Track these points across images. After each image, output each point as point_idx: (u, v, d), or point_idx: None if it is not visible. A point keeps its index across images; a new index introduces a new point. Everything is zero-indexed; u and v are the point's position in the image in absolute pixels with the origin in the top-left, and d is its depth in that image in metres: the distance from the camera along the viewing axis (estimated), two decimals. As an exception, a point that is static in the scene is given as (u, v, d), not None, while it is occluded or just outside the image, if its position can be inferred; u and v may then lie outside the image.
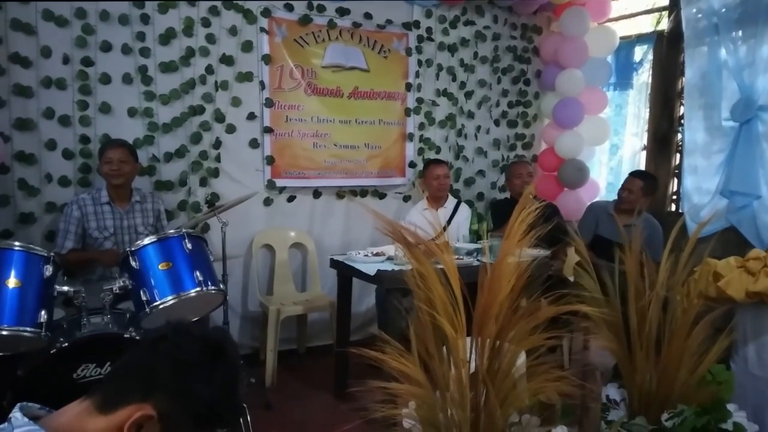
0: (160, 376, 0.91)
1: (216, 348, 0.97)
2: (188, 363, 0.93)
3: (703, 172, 3.72)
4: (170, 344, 0.94)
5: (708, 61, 3.58)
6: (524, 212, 1.60)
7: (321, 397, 3.11)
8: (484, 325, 1.59)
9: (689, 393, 1.98)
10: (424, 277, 1.58)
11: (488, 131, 4.34)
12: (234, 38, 3.40)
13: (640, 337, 2.00)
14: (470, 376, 1.61)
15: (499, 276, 1.57)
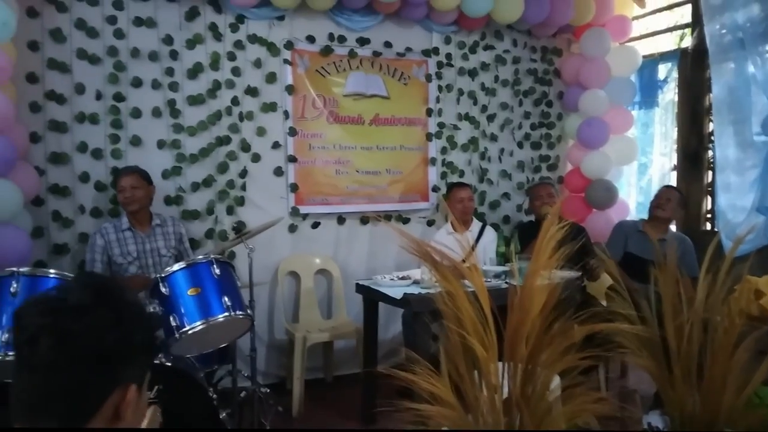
0: (117, 355, 0.84)
1: (98, 289, 0.87)
2: (128, 317, 0.86)
3: (736, 189, 3.62)
4: (109, 312, 0.84)
5: (735, 76, 3.52)
6: (550, 232, 1.58)
7: (349, 425, 3.05)
8: (516, 346, 1.55)
9: (736, 417, 1.88)
10: (453, 296, 1.55)
11: (512, 153, 4.32)
12: (258, 70, 3.48)
13: (680, 358, 1.92)
14: (503, 401, 1.56)
15: (529, 295, 1.53)
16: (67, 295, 0.84)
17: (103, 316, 0.83)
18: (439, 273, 1.59)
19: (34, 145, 2.98)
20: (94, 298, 0.84)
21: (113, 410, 0.85)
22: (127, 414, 0.86)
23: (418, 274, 2.89)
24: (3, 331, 1.83)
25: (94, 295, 0.85)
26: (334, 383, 3.67)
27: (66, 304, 0.82)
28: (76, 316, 0.81)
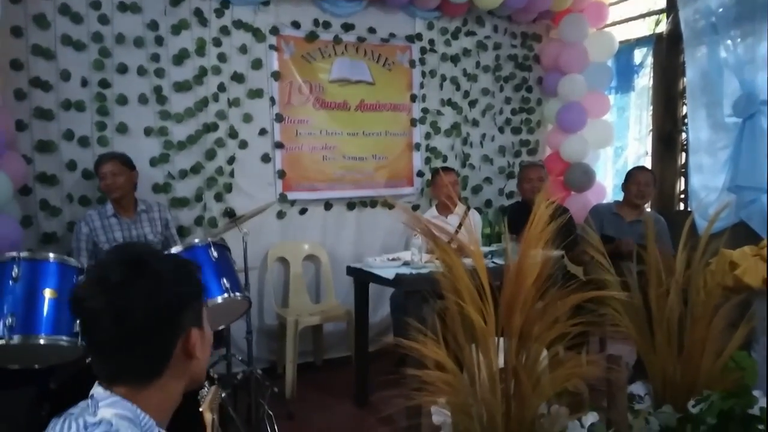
0: (175, 307, 0.93)
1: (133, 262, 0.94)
2: (179, 280, 0.95)
3: (709, 170, 3.77)
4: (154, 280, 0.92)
5: (708, 60, 3.65)
6: (543, 213, 1.67)
7: (342, 406, 3.13)
8: (511, 316, 1.63)
9: (713, 380, 2.00)
10: (452, 267, 1.62)
11: (493, 138, 4.41)
12: (244, 56, 3.49)
13: (662, 326, 2.03)
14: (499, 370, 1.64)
15: (524, 268, 1.62)
16: (109, 273, 0.90)
17: (144, 285, 0.90)
18: (439, 248, 1.66)
19: (21, 133, 2.94)
20: (133, 270, 0.91)
21: (183, 355, 0.95)
22: (197, 352, 0.96)
23: (408, 255, 2.96)
24: (7, 316, 1.84)
25: (133, 267, 0.91)
26: (324, 366, 3.73)
27: (110, 283, 0.89)
28: (123, 292, 0.89)
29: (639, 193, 3.45)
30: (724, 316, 2.01)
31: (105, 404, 0.88)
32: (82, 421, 0.86)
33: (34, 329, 1.88)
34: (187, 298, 0.95)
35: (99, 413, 0.87)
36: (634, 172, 3.55)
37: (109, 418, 0.86)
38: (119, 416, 0.87)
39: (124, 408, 0.88)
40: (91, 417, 0.87)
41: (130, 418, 0.87)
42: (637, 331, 2.07)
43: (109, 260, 0.96)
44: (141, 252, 0.97)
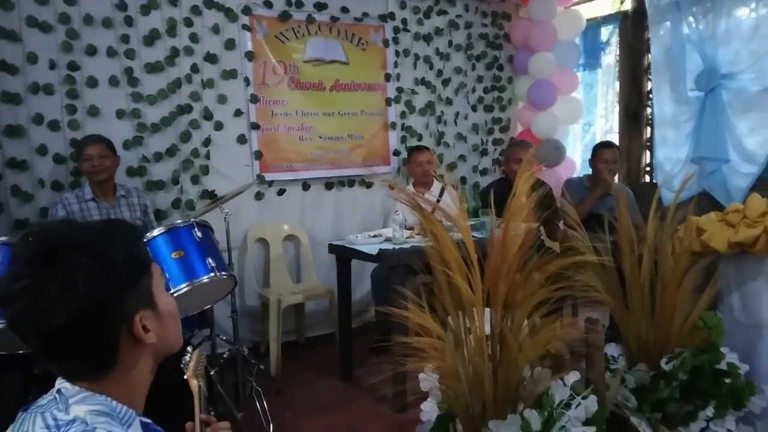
0: (107, 301, 0.81)
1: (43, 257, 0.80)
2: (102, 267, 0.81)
3: (672, 143, 3.93)
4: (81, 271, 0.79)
5: (671, 36, 3.78)
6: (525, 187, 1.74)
7: (327, 381, 3.18)
8: (496, 284, 1.70)
9: (684, 339, 2.12)
10: (439, 238, 1.68)
11: (466, 117, 4.47)
12: (217, 36, 3.44)
13: (635, 290, 2.13)
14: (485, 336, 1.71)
15: (508, 239, 1.68)
16: (18, 273, 0.78)
17: (56, 287, 0.77)
18: (426, 219, 1.71)
19: (-13, 118, 2.86)
20: (43, 269, 0.78)
21: (133, 342, 0.85)
22: (149, 335, 0.86)
23: (389, 232, 3.01)
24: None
25: (43, 265, 0.78)
26: (307, 344, 3.77)
27: (19, 289, 0.78)
28: (33, 299, 0.77)
29: (606, 171, 3.50)
30: (692, 279, 2.14)
31: (75, 401, 0.81)
32: (50, 416, 0.80)
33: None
34: (120, 285, 0.82)
35: (71, 411, 0.80)
36: (599, 150, 3.57)
37: (83, 417, 0.79)
38: (94, 413, 0.80)
39: (97, 402, 0.81)
40: (62, 414, 0.80)
41: (107, 413, 0.81)
42: (611, 296, 2.18)
43: (21, 252, 0.80)
44: (57, 237, 0.82)
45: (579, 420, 1.63)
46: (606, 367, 2.15)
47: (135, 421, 0.84)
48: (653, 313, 2.14)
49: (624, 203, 2.28)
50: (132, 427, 0.83)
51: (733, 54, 3.51)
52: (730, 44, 3.51)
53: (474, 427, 1.70)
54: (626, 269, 2.12)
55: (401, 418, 2.65)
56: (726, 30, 3.50)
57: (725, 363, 2.09)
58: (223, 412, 2.43)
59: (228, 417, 2.39)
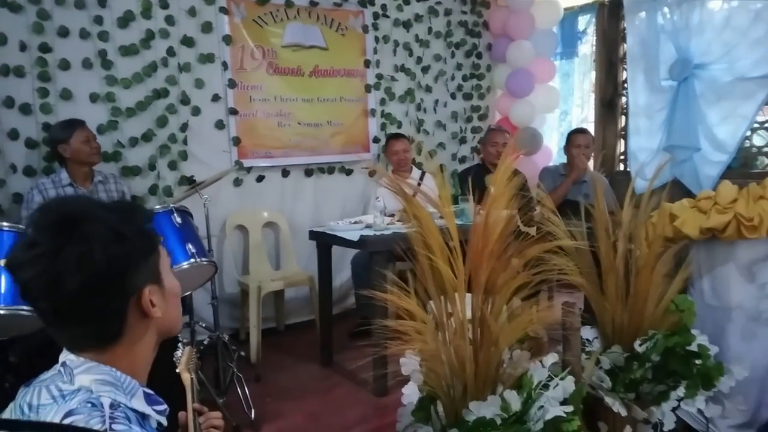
0: (119, 272, 0.84)
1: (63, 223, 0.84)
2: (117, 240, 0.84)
3: (646, 132, 4.01)
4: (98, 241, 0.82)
5: (646, 26, 3.85)
6: (505, 174, 1.77)
7: (308, 367, 3.19)
8: (478, 269, 1.73)
9: (657, 322, 2.19)
10: (422, 222, 1.69)
11: (446, 104, 4.49)
12: (193, 19, 3.38)
13: (610, 275, 2.19)
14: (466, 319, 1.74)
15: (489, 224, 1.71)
16: (37, 239, 0.81)
17: (74, 251, 0.80)
18: (409, 203, 1.73)
19: (-45, 101, 2.77)
20: (63, 235, 0.81)
21: (140, 315, 0.88)
22: (155, 310, 0.89)
23: (370, 219, 3.02)
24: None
25: (63, 231, 0.82)
26: (287, 331, 3.78)
27: (38, 252, 0.80)
28: (51, 261, 0.80)
29: (579, 155, 3.59)
30: (664, 264, 2.20)
31: (81, 371, 0.83)
32: (55, 388, 0.82)
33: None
34: (132, 257, 0.86)
35: (76, 381, 0.82)
36: (572, 136, 3.66)
37: (88, 385, 0.82)
38: (99, 381, 0.82)
39: (102, 372, 0.84)
40: (67, 384, 0.82)
41: (112, 383, 0.83)
42: (587, 280, 2.23)
43: (39, 222, 0.84)
44: (74, 210, 0.85)
45: (557, 400, 1.67)
46: (582, 350, 2.21)
47: (138, 392, 0.87)
48: (627, 296, 2.20)
49: (600, 190, 2.33)
50: (135, 397, 0.86)
51: (705, 45, 3.59)
52: (702, 35, 3.58)
53: (455, 408, 1.73)
54: (602, 254, 2.17)
55: (382, 402, 2.69)
56: (699, 21, 3.58)
57: (696, 345, 2.16)
58: (204, 399, 2.42)
59: (209, 403, 2.39)
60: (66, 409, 0.78)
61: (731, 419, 2.34)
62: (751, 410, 2.33)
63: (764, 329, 2.34)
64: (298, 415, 2.63)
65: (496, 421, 1.59)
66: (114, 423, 0.78)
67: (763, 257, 2.34)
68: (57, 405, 0.80)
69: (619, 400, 2.06)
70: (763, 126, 3.75)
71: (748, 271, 2.35)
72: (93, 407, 0.79)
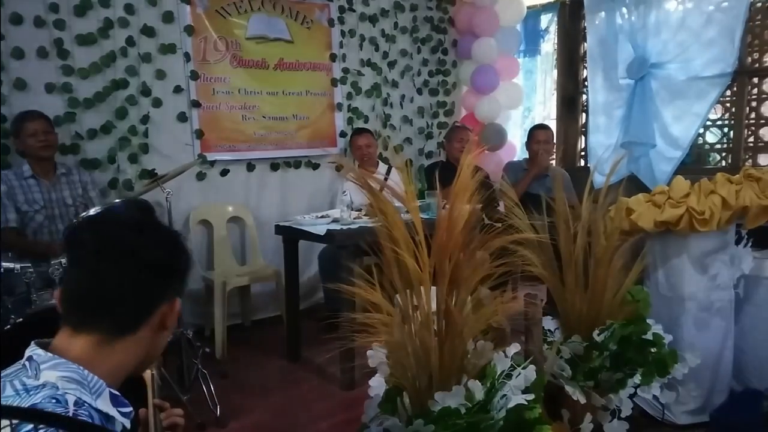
0: (164, 275, 0.93)
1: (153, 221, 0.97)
2: (173, 249, 0.94)
3: (605, 129, 4.13)
4: (148, 254, 0.90)
5: (606, 26, 3.95)
6: (468, 173, 1.80)
7: (275, 362, 3.18)
8: (442, 262, 1.75)
9: (614, 312, 2.26)
10: (388, 216, 1.71)
11: (412, 100, 4.51)
12: (154, 9, 3.30)
13: (570, 267, 2.25)
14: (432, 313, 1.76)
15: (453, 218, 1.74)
16: (121, 213, 0.95)
17: (152, 234, 0.92)
18: (375, 197, 1.74)
19: None
20: (146, 217, 0.95)
21: (159, 322, 0.93)
22: (171, 324, 0.95)
23: (337, 213, 3.02)
24: None
25: (146, 215, 0.95)
26: (253, 327, 3.74)
27: (120, 219, 0.92)
28: (132, 232, 0.90)
29: (540, 150, 3.66)
30: (621, 257, 2.27)
31: (47, 366, 0.82)
32: (19, 382, 0.80)
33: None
34: (183, 267, 0.96)
35: (42, 376, 0.81)
36: (533, 131, 3.75)
37: (54, 381, 0.80)
38: (65, 379, 0.81)
39: (70, 370, 0.83)
40: (31, 380, 0.81)
41: (78, 381, 0.82)
42: (549, 272, 2.29)
43: (122, 204, 1.01)
44: (151, 208, 1.01)
45: (519, 389, 1.71)
46: (544, 340, 2.27)
47: (105, 392, 0.85)
48: (586, 288, 2.27)
49: (560, 184, 2.39)
50: (101, 398, 0.84)
51: (661, 45, 3.71)
52: (659, 35, 3.70)
53: (421, 399, 1.75)
54: (562, 247, 2.23)
55: (349, 396, 2.69)
56: (656, 21, 3.69)
57: (651, 334, 2.24)
58: (168, 396, 2.39)
59: (173, 400, 2.35)
60: (29, 403, 0.78)
61: (685, 405, 2.45)
62: (704, 396, 2.44)
63: (716, 318, 2.45)
64: (265, 410, 2.61)
65: (461, 411, 1.62)
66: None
67: (714, 250, 2.45)
68: (20, 398, 0.78)
69: (579, 388, 2.12)
70: (715, 124, 3.91)
71: (700, 263, 2.46)
72: (57, 403, 0.78)
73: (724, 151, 3.89)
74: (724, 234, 2.43)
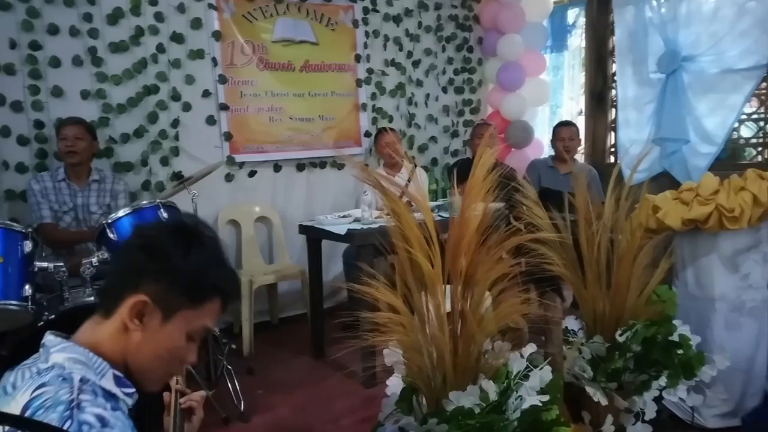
0: (138, 264, 0.95)
1: (185, 228, 1.01)
2: (159, 245, 0.96)
3: (635, 124, 4.03)
4: (139, 239, 0.99)
5: (635, 19, 3.86)
6: (483, 170, 1.79)
7: (299, 360, 3.23)
8: (456, 260, 1.76)
9: (638, 312, 2.22)
10: (401, 216, 1.72)
11: (437, 98, 4.51)
12: (182, 16, 3.40)
13: (591, 264, 2.22)
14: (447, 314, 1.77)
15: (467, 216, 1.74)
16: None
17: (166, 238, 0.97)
18: (388, 198, 1.76)
19: (-53, 99, 2.80)
20: (178, 224, 1.02)
21: (127, 315, 0.93)
22: (133, 325, 0.93)
23: (359, 213, 3.05)
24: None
25: (180, 222, 1.03)
26: (281, 325, 3.81)
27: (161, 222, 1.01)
28: (162, 230, 1.00)
29: (565, 148, 3.65)
30: (646, 255, 2.23)
31: (56, 350, 0.90)
32: (35, 368, 0.87)
33: (-19, 295, 1.86)
34: (162, 271, 0.94)
35: (51, 359, 0.88)
36: (557, 128, 3.76)
37: (61, 362, 0.88)
38: (72, 360, 0.88)
39: (76, 352, 0.90)
40: (43, 363, 0.88)
41: (83, 362, 0.89)
42: (570, 271, 2.26)
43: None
44: (196, 224, 1.04)
45: (534, 389, 1.70)
46: (565, 340, 2.24)
47: (108, 373, 0.91)
48: (609, 287, 2.23)
49: (583, 182, 2.35)
50: (105, 378, 0.91)
51: (693, 37, 3.60)
52: (690, 27, 3.59)
53: (436, 398, 1.76)
54: (582, 245, 2.20)
55: (370, 393, 2.72)
56: (687, 13, 3.59)
57: (677, 335, 2.19)
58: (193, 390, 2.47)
59: (198, 395, 2.42)
60: (39, 383, 0.84)
61: (715, 408, 2.38)
62: (735, 399, 2.37)
63: (747, 319, 2.37)
64: (287, 407, 2.66)
65: (474, 411, 1.62)
66: (81, 393, 0.84)
67: (745, 248, 2.37)
68: (32, 380, 0.85)
69: (600, 389, 2.09)
70: (751, 117, 3.77)
71: (731, 262, 2.38)
72: (63, 381, 0.84)
73: (760, 145, 3.75)
74: (756, 231, 2.35)
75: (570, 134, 3.63)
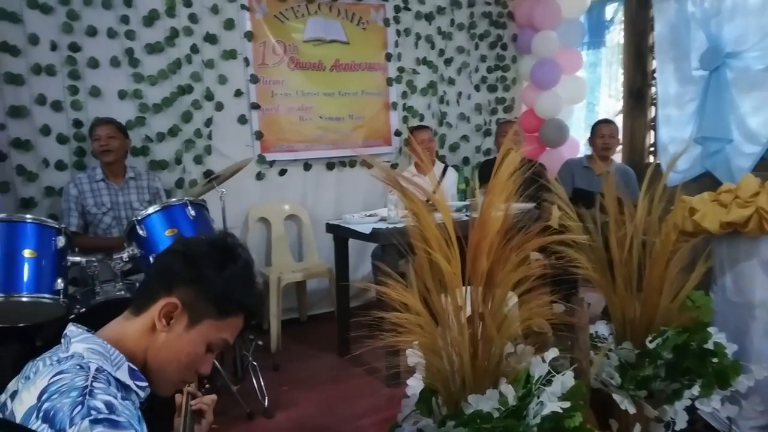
0: (175, 269, 1.03)
1: (223, 245, 1.09)
2: (197, 255, 1.04)
3: (676, 122, 3.87)
4: (180, 246, 1.07)
5: (676, 14, 3.71)
6: (505, 168, 1.74)
7: (325, 357, 3.25)
8: (477, 261, 1.72)
9: (671, 318, 2.13)
10: (419, 217, 1.70)
11: (469, 97, 4.45)
12: (216, 17, 3.46)
13: (622, 268, 2.14)
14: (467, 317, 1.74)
15: (488, 216, 1.70)
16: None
17: (204, 251, 1.05)
18: (408, 199, 1.74)
19: (-8, 99, 2.93)
20: (217, 240, 1.09)
21: (158, 315, 1.00)
22: (161, 324, 1.00)
23: (385, 211, 3.04)
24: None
25: (219, 239, 1.10)
26: (309, 322, 3.85)
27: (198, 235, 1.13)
28: (197, 242, 1.08)
29: (604, 146, 3.57)
30: (680, 259, 2.14)
31: (77, 340, 0.95)
32: (56, 357, 0.93)
33: (16, 288, 1.93)
34: (195, 278, 1.02)
35: (71, 348, 0.94)
36: (597, 126, 3.67)
37: (81, 352, 0.93)
38: (90, 350, 0.94)
39: (95, 343, 0.95)
40: (63, 352, 0.94)
41: (101, 353, 0.94)
42: (600, 275, 2.19)
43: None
44: (232, 242, 1.12)
45: (555, 395, 1.66)
46: (593, 346, 2.18)
47: (123, 365, 0.97)
48: (640, 291, 2.15)
49: (611, 182, 2.28)
50: (120, 370, 0.96)
51: (738, 32, 3.44)
52: (735, 21, 3.43)
53: (455, 400, 1.74)
54: (612, 248, 2.13)
55: (394, 393, 2.71)
56: (731, 7, 3.42)
57: (712, 342, 2.10)
58: (221, 386, 2.51)
59: (223, 389, 2.47)
60: (58, 369, 0.89)
61: (753, 420, 2.27)
62: (774, 411, 2.25)
63: (790, 328, 2.26)
64: (312, 403, 2.68)
65: (493, 415, 1.59)
66: (96, 381, 0.88)
67: (788, 253, 2.25)
68: (52, 368, 0.90)
69: (628, 397, 2.02)
70: (800, 116, 3.57)
71: (772, 268, 2.27)
72: (80, 369, 0.89)
73: (810, 145, 3.55)
74: (800, 236, 2.23)
75: (610, 131, 3.55)
